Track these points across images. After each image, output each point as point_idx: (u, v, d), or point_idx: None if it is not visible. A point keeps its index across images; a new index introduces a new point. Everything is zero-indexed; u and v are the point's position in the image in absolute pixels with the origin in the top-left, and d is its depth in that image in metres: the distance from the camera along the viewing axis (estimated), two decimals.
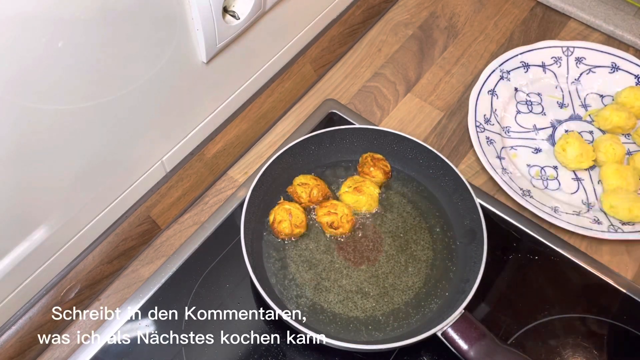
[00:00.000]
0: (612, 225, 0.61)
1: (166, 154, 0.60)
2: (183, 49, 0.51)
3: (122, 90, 0.48)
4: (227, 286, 0.59)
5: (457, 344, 0.50)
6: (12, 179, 0.43)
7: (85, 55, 0.42)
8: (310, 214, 0.60)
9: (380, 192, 0.62)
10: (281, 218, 0.57)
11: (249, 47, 0.60)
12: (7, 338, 0.53)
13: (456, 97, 0.73)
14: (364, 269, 0.58)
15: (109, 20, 0.42)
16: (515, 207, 0.63)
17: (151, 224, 0.62)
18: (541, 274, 0.60)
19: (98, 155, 0.51)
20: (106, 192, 0.55)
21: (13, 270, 0.50)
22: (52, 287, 0.56)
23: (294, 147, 0.60)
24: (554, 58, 0.73)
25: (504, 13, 0.80)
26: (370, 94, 0.73)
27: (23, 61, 0.38)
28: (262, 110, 0.68)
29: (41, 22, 0.37)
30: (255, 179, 0.57)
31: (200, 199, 0.65)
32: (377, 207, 0.61)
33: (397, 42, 0.78)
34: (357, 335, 0.54)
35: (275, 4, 0.59)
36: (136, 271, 0.61)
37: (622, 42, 0.76)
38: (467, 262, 0.56)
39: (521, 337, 0.56)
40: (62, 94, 0.42)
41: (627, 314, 0.57)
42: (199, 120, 0.62)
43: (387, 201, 0.62)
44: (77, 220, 0.54)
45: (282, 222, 0.57)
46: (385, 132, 0.61)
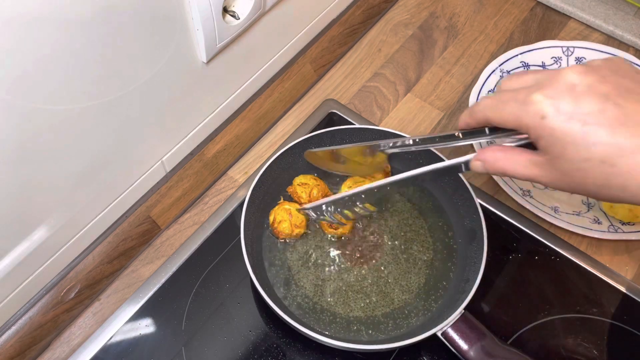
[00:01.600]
0: (612, 225, 0.61)
1: (166, 154, 0.60)
2: (183, 49, 0.51)
3: (122, 91, 0.48)
4: (227, 286, 0.59)
5: (457, 344, 0.50)
6: (12, 179, 0.44)
7: (85, 56, 0.42)
8: None
9: None
10: (281, 218, 0.57)
11: (249, 47, 0.60)
12: (7, 338, 0.53)
13: (456, 97, 0.73)
14: (364, 269, 0.58)
15: (108, 20, 0.42)
16: (515, 207, 0.63)
17: (151, 224, 0.62)
18: (541, 274, 0.60)
19: (98, 156, 0.51)
20: (106, 192, 0.55)
21: (13, 270, 0.50)
22: (52, 287, 0.56)
23: (294, 147, 0.60)
24: (554, 58, 0.73)
25: (504, 13, 0.80)
26: (370, 94, 0.73)
27: (23, 62, 0.38)
28: (262, 110, 0.68)
29: (41, 23, 0.37)
30: (255, 179, 0.57)
31: (200, 199, 0.65)
32: (377, 207, 0.61)
33: (397, 42, 0.78)
34: (357, 336, 0.54)
35: (275, 4, 0.59)
36: (136, 271, 0.61)
37: (622, 42, 0.76)
38: (467, 262, 0.56)
39: (521, 337, 0.56)
40: (62, 95, 0.42)
41: (627, 314, 0.57)
42: (199, 120, 0.62)
43: (387, 201, 0.62)
44: (77, 220, 0.54)
45: (282, 222, 0.57)
46: (385, 132, 0.61)
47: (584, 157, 0.34)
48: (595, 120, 0.33)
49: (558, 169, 0.36)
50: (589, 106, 0.34)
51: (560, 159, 0.35)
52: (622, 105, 0.33)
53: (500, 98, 0.38)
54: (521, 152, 0.38)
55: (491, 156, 0.40)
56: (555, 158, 0.35)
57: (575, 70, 0.35)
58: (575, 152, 0.34)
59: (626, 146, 0.33)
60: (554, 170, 0.36)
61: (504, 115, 0.37)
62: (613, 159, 0.33)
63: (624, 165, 0.33)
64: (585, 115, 0.34)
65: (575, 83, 0.35)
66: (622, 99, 0.34)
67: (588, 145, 0.33)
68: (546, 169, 0.36)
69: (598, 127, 0.33)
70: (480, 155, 0.41)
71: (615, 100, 0.34)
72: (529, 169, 0.38)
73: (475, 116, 0.40)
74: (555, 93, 0.35)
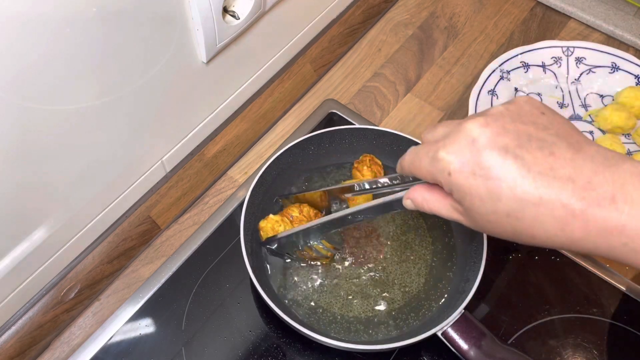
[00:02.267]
0: None
1: (166, 154, 0.60)
2: (183, 49, 0.51)
3: (122, 91, 0.48)
4: (227, 286, 0.59)
5: (457, 344, 0.50)
6: (12, 179, 0.44)
7: (84, 56, 0.42)
8: None
9: None
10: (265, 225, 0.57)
11: (248, 47, 0.60)
12: (7, 338, 0.53)
13: (456, 97, 0.73)
14: (364, 270, 0.58)
15: (108, 20, 0.42)
16: None
17: (151, 224, 0.62)
18: (541, 274, 0.60)
19: (98, 156, 0.51)
20: (106, 192, 0.55)
21: (13, 270, 0.50)
22: (52, 287, 0.56)
23: (294, 147, 0.60)
24: (554, 58, 0.73)
25: (504, 13, 0.80)
26: (370, 94, 0.73)
27: (23, 62, 0.38)
28: (262, 110, 0.68)
29: (41, 23, 0.37)
30: (255, 179, 0.57)
31: (200, 199, 0.65)
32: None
33: (397, 42, 0.78)
34: (357, 336, 0.54)
35: (275, 4, 0.59)
36: (136, 271, 0.61)
37: (622, 42, 0.76)
38: (467, 262, 0.56)
39: (521, 337, 0.56)
40: (61, 95, 0.42)
41: (627, 314, 0.57)
42: (199, 120, 0.62)
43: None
44: (77, 220, 0.54)
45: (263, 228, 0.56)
46: (385, 132, 0.61)
47: (490, 210, 0.34)
48: (496, 175, 0.33)
49: (472, 218, 0.36)
50: (490, 161, 0.33)
51: (471, 211, 0.36)
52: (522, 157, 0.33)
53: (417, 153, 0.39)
54: (445, 196, 0.38)
55: (419, 196, 0.40)
56: (467, 209, 0.36)
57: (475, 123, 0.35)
58: (482, 207, 0.34)
59: (528, 199, 0.32)
60: (470, 219, 0.37)
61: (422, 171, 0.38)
62: (517, 213, 0.33)
63: (528, 218, 0.33)
64: (487, 170, 0.33)
65: (475, 137, 0.34)
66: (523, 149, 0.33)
67: (493, 199, 0.34)
68: (464, 215, 0.37)
69: (500, 181, 0.33)
70: (409, 194, 0.42)
71: (514, 152, 0.33)
72: (451, 212, 0.38)
73: (403, 167, 0.41)
74: (458, 149, 0.35)
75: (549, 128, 0.34)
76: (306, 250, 0.56)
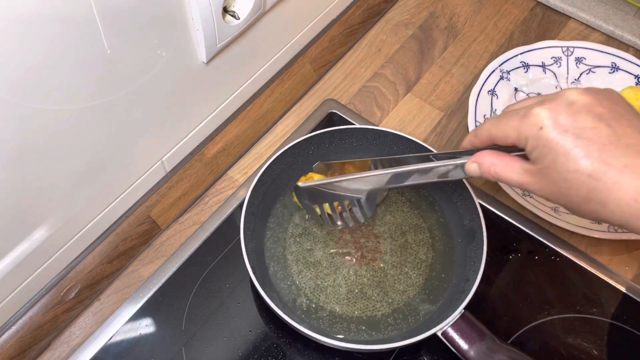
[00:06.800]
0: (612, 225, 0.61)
1: (166, 154, 0.60)
2: (183, 49, 0.51)
3: (122, 91, 0.48)
4: (227, 286, 0.59)
5: (457, 344, 0.50)
6: (12, 179, 0.44)
7: (84, 56, 0.42)
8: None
9: None
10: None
11: (248, 47, 0.60)
12: (7, 338, 0.53)
13: (456, 97, 0.73)
14: (364, 270, 0.58)
15: (108, 20, 0.42)
16: (515, 207, 0.63)
17: (151, 224, 0.62)
18: (541, 274, 0.60)
19: (98, 156, 0.51)
20: (106, 192, 0.55)
21: (13, 270, 0.50)
22: (52, 287, 0.56)
23: (294, 147, 0.60)
24: (554, 58, 0.73)
25: (504, 13, 0.80)
26: (370, 94, 0.73)
27: (23, 62, 0.38)
28: (262, 110, 0.68)
29: (40, 23, 0.37)
30: (255, 179, 0.57)
31: (200, 199, 0.65)
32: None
33: (397, 42, 0.78)
34: (357, 335, 0.54)
35: (275, 4, 0.59)
36: (136, 271, 0.61)
37: (622, 42, 0.76)
38: (467, 262, 0.56)
39: (521, 337, 0.56)
40: (61, 95, 0.42)
41: (627, 314, 0.57)
42: (199, 120, 0.62)
43: (387, 201, 0.62)
44: (77, 220, 0.54)
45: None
46: (385, 132, 0.61)
47: (572, 168, 0.36)
48: (588, 136, 0.36)
49: (547, 178, 0.38)
50: (584, 123, 0.36)
51: (550, 169, 0.37)
52: (614, 127, 0.36)
53: (502, 116, 0.41)
54: (516, 160, 0.41)
55: (488, 160, 0.42)
56: (546, 167, 0.38)
57: (575, 90, 0.38)
58: (565, 163, 0.36)
59: (613, 164, 0.35)
60: (543, 179, 0.38)
61: (506, 129, 0.40)
62: (599, 174, 0.35)
63: (607, 180, 0.35)
64: (580, 130, 0.36)
65: (574, 101, 0.37)
66: (615, 121, 0.36)
67: (578, 158, 0.36)
68: (536, 176, 0.39)
69: (590, 142, 0.36)
70: (477, 158, 0.43)
71: (608, 122, 0.36)
72: (521, 175, 0.40)
73: (479, 135, 0.43)
74: (555, 107, 0.37)
75: (636, 115, 0.38)
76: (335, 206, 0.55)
